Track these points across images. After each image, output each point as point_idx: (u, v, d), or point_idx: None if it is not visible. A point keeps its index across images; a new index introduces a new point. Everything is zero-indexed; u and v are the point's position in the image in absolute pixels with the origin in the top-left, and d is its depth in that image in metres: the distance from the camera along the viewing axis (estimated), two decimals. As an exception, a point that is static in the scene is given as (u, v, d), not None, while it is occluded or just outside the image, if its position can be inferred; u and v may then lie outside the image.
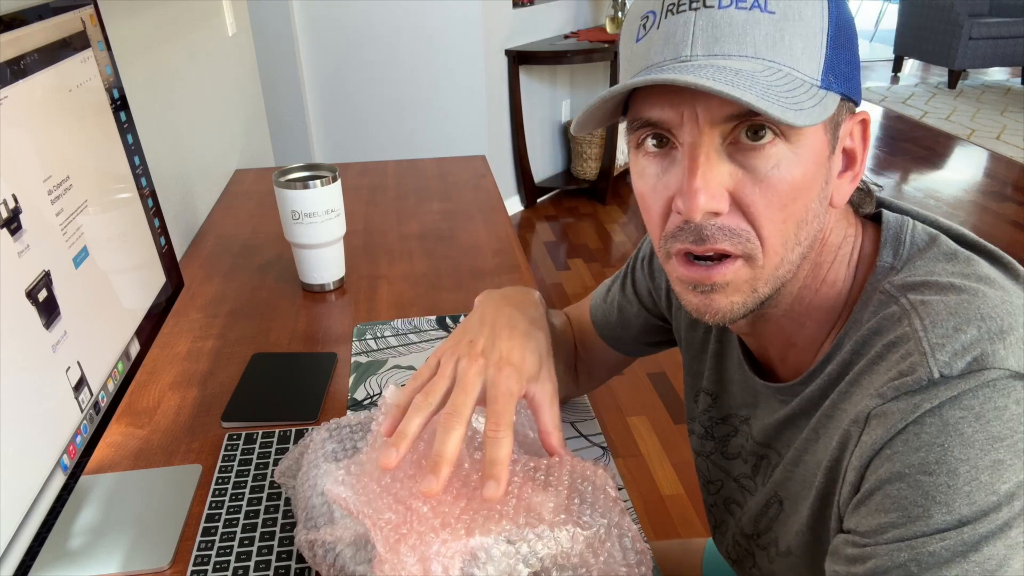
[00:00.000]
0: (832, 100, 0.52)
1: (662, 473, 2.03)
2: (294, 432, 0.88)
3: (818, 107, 0.51)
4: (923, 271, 0.56)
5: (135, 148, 0.89)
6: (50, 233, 0.67)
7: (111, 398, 0.76)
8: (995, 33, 5.49)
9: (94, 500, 0.81)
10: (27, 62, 0.66)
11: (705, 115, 0.51)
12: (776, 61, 0.51)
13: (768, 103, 0.48)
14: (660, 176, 0.56)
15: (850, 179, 0.58)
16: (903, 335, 0.52)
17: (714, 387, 0.76)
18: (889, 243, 0.59)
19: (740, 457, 0.72)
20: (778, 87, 0.50)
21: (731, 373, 0.73)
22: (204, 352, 1.08)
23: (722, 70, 0.50)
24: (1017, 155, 4.40)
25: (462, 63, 3.25)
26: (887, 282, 0.57)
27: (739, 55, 0.51)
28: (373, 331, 1.11)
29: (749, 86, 0.49)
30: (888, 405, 0.50)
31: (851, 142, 0.58)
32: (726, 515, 0.75)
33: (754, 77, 0.50)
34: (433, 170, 1.80)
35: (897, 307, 0.54)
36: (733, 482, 0.73)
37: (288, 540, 0.74)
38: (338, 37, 3.11)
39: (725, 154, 0.53)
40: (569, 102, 4.04)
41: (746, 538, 0.71)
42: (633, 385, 2.41)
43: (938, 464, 0.47)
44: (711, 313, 0.57)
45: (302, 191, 1.14)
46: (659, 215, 0.57)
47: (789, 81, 0.51)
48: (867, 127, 0.58)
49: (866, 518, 0.50)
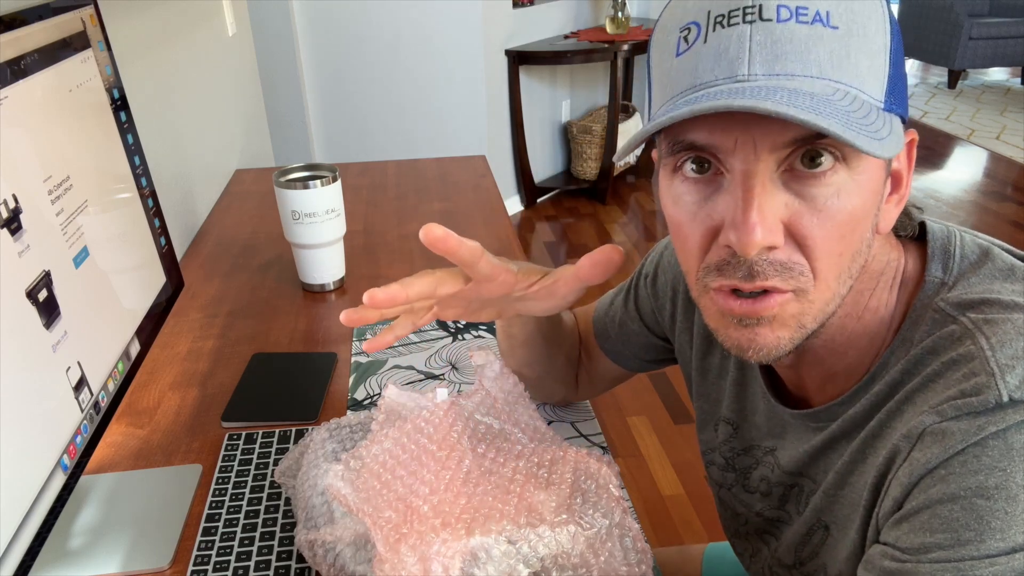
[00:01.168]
0: (897, 124, 0.49)
1: (662, 473, 2.03)
2: (294, 432, 0.88)
3: (892, 135, 0.47)
4: (980, 288, 0.53)
5: (135, 148, 0.89)
6: (50, 233, 0.67)
7: (111, 398, 0.76)
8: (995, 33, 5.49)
9: (94, 500, 0.81)
10: (27, 62, 0.66)
11: (764, 141, 0.47)
12: (843, 82, 0.47)
13: (854, 133, 0.44)
14: (702, 204, 0.51)
15: (896, 202, 0.55)
16: (967, 354, 0.50)
17: (735, 416, 0.72)
18: (937, 256, 0.56)
19: (760, 491, 0.70)
20: (854, 113, 0.46)
21: (754, 402, 0.70)
22: (204, 352, 1.08)
23: (795, 93, 0.45)
24: (1017, 155, 4.40)
25: (462, 63, 3.25)
26: (940, 299, 0.54)
27: (803, 75, 0.46)
28: (373, 331, 1.11)
29: (830, 112, 0.44)
30: (948, 424, 0.48)
31: (899, 164, 0.54)
32: (760, 545, 0.72)
33: (830, 103, 0.45)
34: (433, 170, 1.80)
35: (957, 326, 0.52)
36: (756, 516, 0.71)
37: (288, 540, 0.74)
38: (338, 37, 3.11)
39: (780, 182, 0.48)
40: (569, 102, 4.04)
41: (786, 568, 0.68)
42: (633, 385, 2.41)
43: (998, 489, 0.45)
44: (755, 350, 0.53)
45: (302, 191, 1.14)
46: (699, 246, 0.52)
47: (860, 106, 0.46)
48: (913, 147, 0.55)
49: (909, 535, 0.48)
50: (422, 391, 0.76)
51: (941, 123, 5.05)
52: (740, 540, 0.75)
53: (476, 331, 1.10)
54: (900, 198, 0.55)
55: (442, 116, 3.33)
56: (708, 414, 0.76)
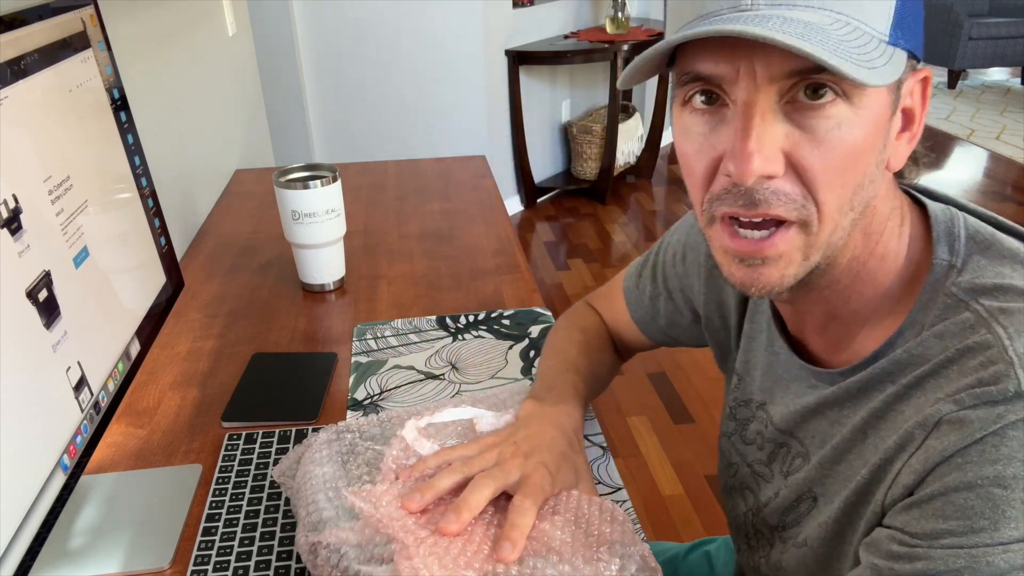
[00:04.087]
0: (900, 57, 0.49)
1: (662, 473, 2.03)
2: (294, 432, 0.88)
3: (888, 65, 0.48)
4: (991, 273, 0.54)
5: (135, 148, 0.89)
6: (50, 233, 0.67)
7: (111, 398, 0.76)
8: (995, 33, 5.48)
9: (94, 500, 0.81)
10: (27, 62, 0.66)
11: (764, 71, 0.48)
12: (844, 13, 0.47)
13: (841, 60, 0.44)
14: (707, 135, 0.52)
15: (908, 140, 0.55)
16: (983, 342, 0.50)
17: (741, 368, 0.74)
18: (943, 239, 0.56)
19: (755, 444, 0.71)
20: (849, 42, 0.46)
21: (757, 355, 0.72)
22: (204, 352, 1.08)
23: (789, 21, 0.46)
24: (1017, 155, 4.39)
25: (462, 63, 3.25)
26: (951, 284, 0.54)
27: (805, 5, 0.47)
28: (373, 331, 1.11)
29: (820, 40, 0.45)
30: (966, 412, 0.48)
31: (911, 101, 0.54)
32: (740, 501, 0.74)
33: (824, 31, 0.46)
34: (433, 170, 1.80)
35: (971, 313, 0.52)
36: (747, 467, 0.73)
37: (288, 540, 0.74)
38: (338, 37, 3.11)
39: (781, 113, 0.49)
40: (569, 102, 4.04)
41: (768, 528, 0.69)
42: (633, 385, 2.41)
43: (1015, 479, 0.45)
44: (757, 287, 0.54)
45: (302, 191, 1.14)
46: (703, 176, 0.53)
47: (858, 36, 0.47)
48: (928, 84, 0.54)
49: (920, 520, 0.49)
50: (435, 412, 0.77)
51: (941, 123, 5.05)
52: (727, 494, 0.77)
53: (476, 331, 1.10)
54: (912, 136, 0.55)
55: (442, 116, 3.33)
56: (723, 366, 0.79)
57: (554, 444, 0.72)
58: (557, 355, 0.87)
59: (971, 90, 5.83)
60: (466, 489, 0.64)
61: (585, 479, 0.72)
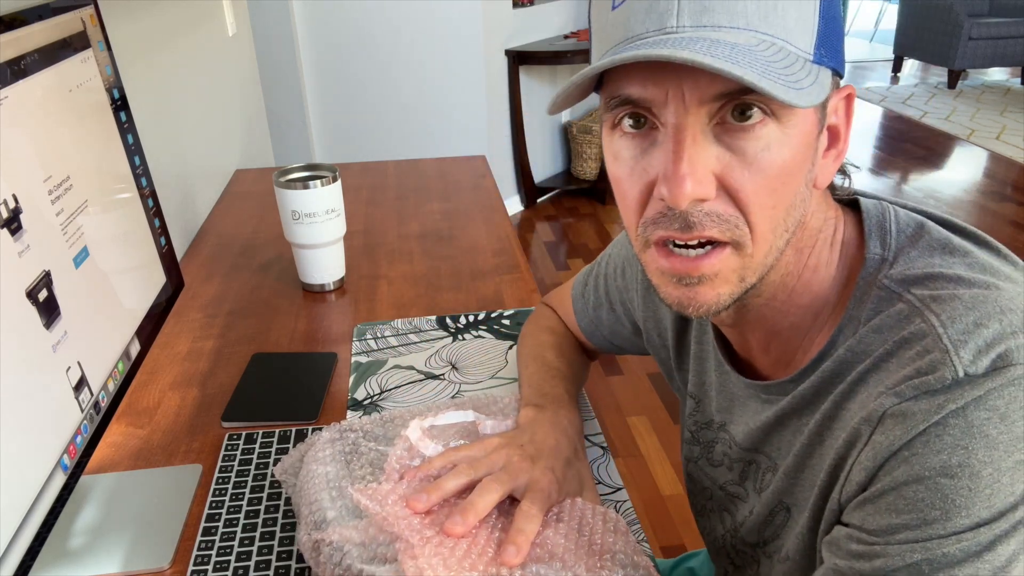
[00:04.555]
0: (825, 76, 0.50)
1: (662, 473, 2.03)
2: (294, 432, 0.88)
3: (815, 85, 0.48)
4: (921, 263, 0.54)
5: (135, 148, 0.89)
6: (50, 233, 0.67)
7: (111, 398, 0.76)
8: (995, 33, 5.49)
9: (94, 500, 0.81)
10: (27, 62, 0.66)
11: (693, 94, 0.47)
12: (769, 34, 0.47)
13: (770, 81, 0.45)
14: (638, 159, 0.52)
15: (834, 158, 0.55)
16: (918, 332, 0.50)
17: (696, 390, 0.74)
18: (874, 232, 0.56)
19: (724, 465, 0.71)
20: (775, 63, 0.46)
21: (709, 376, 0.72)
22: (204, 352, 1.08)
23: (716, 44, 0.46)
24: (1017, 155, 4.39)
25: (462, 63, 3.25)
26: (884, 276, 0.54)
27: (730, 26, 0.47)
28: (373, 331, 1.11)
29: (748, 62, 0.45)
30: (907, 404, 0.48)
31: (836, 118, 0.54)
32: (717, 523, 0.74)
33: (751, 52, 0.46)
34: (433, 170, 1.80)
35: (904, 304, 0.52)
36: (720, 490, 0.72)
37: (288, 540, 0.74)
38: (338, 37, 3.11)
39: (712, 135, 0.49)
40: (569, 102, 4.04)
41: (750, 547, 0.69)
42: (633, 385, 2.41)
43: (960, 468, 0.46)
44: (695, 307, 0.54)
45: (302, 191, 1.14)
46: (636, 201, 0.53)
47: (784, 56, 0.47)
48: (851, 102, 0.55)
49: (874, 516, 0.49)
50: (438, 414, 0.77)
51: (941, 123, 5.05)
52: (704, 517, 0.77)
53: (476, 331, 1.10)
54: (838, 153, 0.55)
55: (442, 116, 3.33)
56: (680, 390, 0.79)
57: (560, 450, 0.72)
58: (536, 361, 0.87)
59: (971, 90, 5.83)
60: (474, 492, 0.64)
61: (589, 486, 0.72)
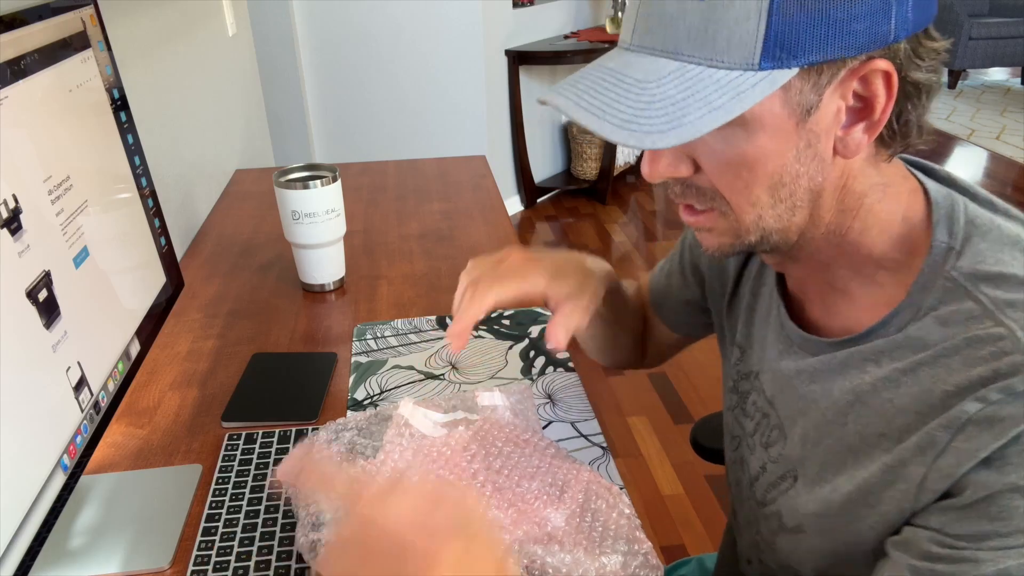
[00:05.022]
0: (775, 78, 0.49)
1: (662, 473, 2.03)
2: (294, 432, 0.88)
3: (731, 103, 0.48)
4: (992, 259, 0.53)
5: (135, 148, 0.89)
6: (50, 233, 0.67)
7: (111, 398, 0.76)
8: (995, 33, 5.48)
9: (94, 500, 0.81)
10: (27, 62, 0.66)
11: None
12: (694, 56, 0.50)
13: (628, 131, 0.49)
14: None
15: (864, 129, 0.53)
16: (994, 334, 0.50)
17: (744, 340, 0.75)
18: (943, 221, 0.56)
19: (751, 416, 0.72)
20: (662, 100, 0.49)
21: (757, 328, 0.72)
22: (204, 352, 1.08)
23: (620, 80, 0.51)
24: (1017, 155, 4.39)
25: (462, 63, 3.25)
26: (951, 268, 0.54)
27: (661, 49, 0.51)
28: (373, 331, 1.11)
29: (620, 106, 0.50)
30: (993, 409, 0.48)
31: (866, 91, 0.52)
32: (741, 475, 0.74)
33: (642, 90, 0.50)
34: (433, 170, 1.80)
35: (974, 303, 0.52)
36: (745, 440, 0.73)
37: (288, 540, 0.74)
38: (338, 37, 3.11)
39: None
40: (569, 102, 4.04)
41: (757, 504, 0.69)
42: (633, 385, 2.41)
43: None
44: (704, 248, 0.61)
45: (302, 191, 1.14)
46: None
47: (692, 85, 0.49)
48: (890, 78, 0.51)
49: (962, 522, 0.49)
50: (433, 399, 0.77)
51: (941, 123, 5.05)
52: (730, 469, 0.78)
53: (476, 331, 1.10)
54: (870, 125, 0.53)
55: (442, 116, 3.33)
56: (726, 342, 0.80)
57: (569, 258, 0.79)
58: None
59: (971, 90, 5.83)
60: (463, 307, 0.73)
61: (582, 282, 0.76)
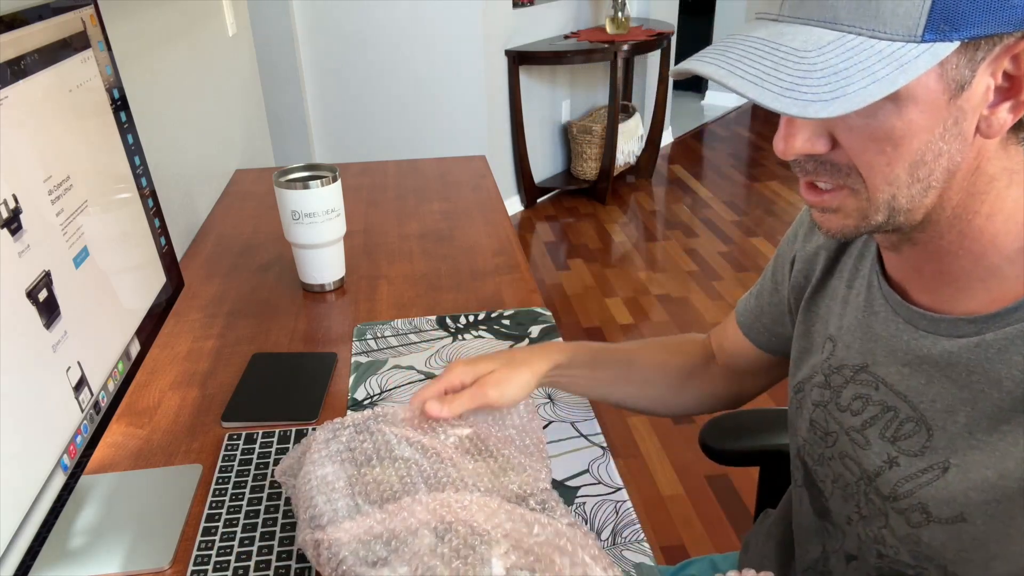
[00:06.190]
0: (937, 51, 0.48)
1: (662, 473, 2.03)
2: (294, 432, 0.88)
3: (894, 74, 0.48)
4: None
5: (135, 148, 0.89)
6: (50, 233, 0.67)
7: (111, 398, 0.76)
8: (995, 33, 5.48)
9: (94, 500, 0.81)
10: (27, 62, 0.66)
11: None
12: (855, 26, 0.49)
13: (790, 99, 0.48)
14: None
15: (1009, 109, 0.52)
16: None
17: (837, 333, 0.74)
18: None
19: (850, 410, 0.70)
20: (824, 69, 0.48)
21: (852, 321, 0.71)
22: (204, 352, 1.08)
23: (776, 49, 0.50)
24: (1017, 155, 4.39)
25: (462, 63, 3.25)
26: None
27: (817, 19, 0.51)
28: (373, 331, 1.11)
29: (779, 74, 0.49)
30: None
31: (1016, 70, 0.51)
32: (843, 470, 0.72)
33: (801, 58, 0.49)
34: (433, 170, 1.80)
35: None
36: (845, 435, 0.71)
37: (288, 540, 0.74)
38: (338, 37, 3.11)
39: None
40: (569, 102, 4.04)
41: (881, 498, 0.67)
42: (633, 385, 2.41)
43: None
44: (825, 229, 0.61)
45: (302, 191, 1.14)
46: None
47: (855, 55, 0.49)
48: None
49: None
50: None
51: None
52: (823, 466, 0.75)
53: (476, 331, 1.10)
54: (1017, 104, 0.52)
55: (442, 116, 3.34)
56: (819, 334, 0.78)
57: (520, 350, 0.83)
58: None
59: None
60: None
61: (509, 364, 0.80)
